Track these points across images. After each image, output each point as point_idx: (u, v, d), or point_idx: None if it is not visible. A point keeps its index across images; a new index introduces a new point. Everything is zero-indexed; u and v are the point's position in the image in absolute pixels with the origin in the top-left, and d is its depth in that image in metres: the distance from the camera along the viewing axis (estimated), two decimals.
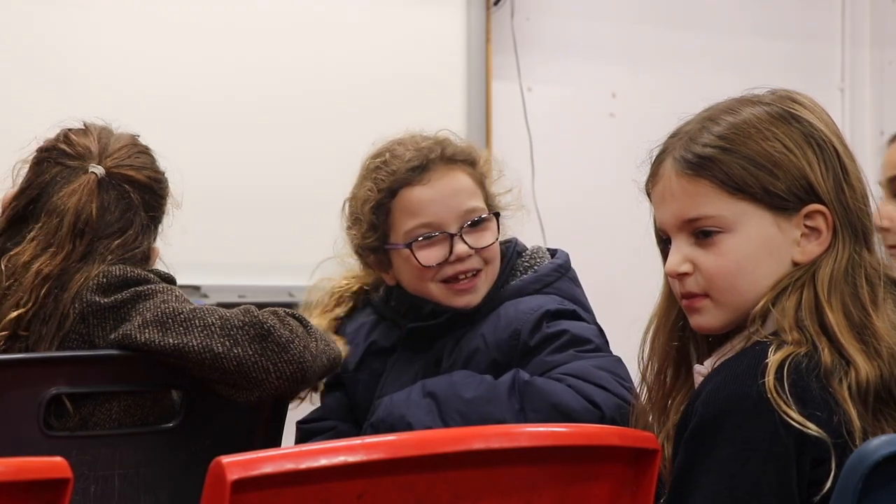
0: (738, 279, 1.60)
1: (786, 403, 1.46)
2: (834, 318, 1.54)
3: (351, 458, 1.25)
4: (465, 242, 2.10)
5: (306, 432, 2.26)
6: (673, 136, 1.68)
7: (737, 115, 1.63)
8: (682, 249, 1.63)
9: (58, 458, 1.19)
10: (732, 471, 1.48)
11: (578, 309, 2.12)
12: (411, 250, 2.12)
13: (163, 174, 2.18)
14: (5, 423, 1.93)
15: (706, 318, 1.64)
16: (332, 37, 4.66)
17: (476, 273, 2.12)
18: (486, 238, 2.13)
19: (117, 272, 2.01)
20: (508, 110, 4.70)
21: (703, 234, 1.62)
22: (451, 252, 2.10)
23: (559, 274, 2.17)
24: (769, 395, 1.46)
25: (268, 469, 1.21)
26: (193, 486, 1.32)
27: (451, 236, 2.11)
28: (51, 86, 4.16)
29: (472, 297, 2.13)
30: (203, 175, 4.44)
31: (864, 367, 1.51)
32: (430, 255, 2.11)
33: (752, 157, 1.60)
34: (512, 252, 2.19)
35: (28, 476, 1.17)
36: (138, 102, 4.30)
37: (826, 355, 1.51)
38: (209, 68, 4.50)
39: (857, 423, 1.48)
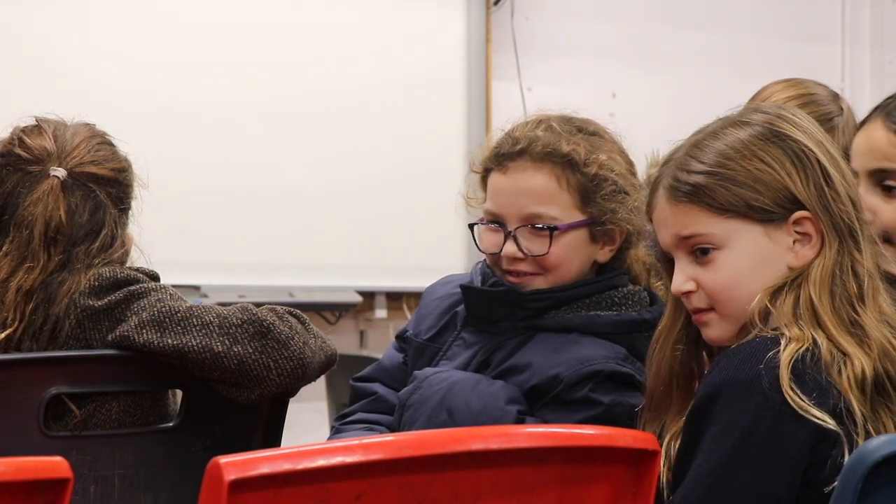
0: (737, 291, 1.69)
1: (796, 395, 1.55)
2: (825, 315, 1.63)
3: (349, 459, 1.25)
4: (517, 244, 2.04)
5: (357, 391, 2.21)
6: (665, 162, 1.76)
7: (721, 139, 1.72)
8: (684, 269, 1.72)
9: (58, 458, 1.19)
10: (714, 446, 1.58)
11: (636, 374, 1.98)
12: (476, 228, 2.12)
13: (125, 161, 2.13)
14: (5, 423, 1.92)
15: (715, 330, 1.72)
16: (333, 37, 4.66)
17: (526, 275, 2.06)
18: (541, 246, 2.03)
19: (108, 274, 2.00)
20: (508, 110, 4.68)
21: (701, 252, 1.70)
22: (501, 247, 2.06)
23: (641, 331, 2.01)
24: (785, 390, 1.55)
25: (265, 469, 1.21)
26: (193, 486, 1.32)
27: (507, 233, 2.06)
28: (50, 85, 4.16)
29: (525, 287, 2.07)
30: (203, 175, 4.45)
31: (859, 359, 1.60)
32: (487, 242, 2.09)
33: (734, 178, 1.69)
34: (605, 283, 2.08)
35: (28, 476, 1.17)
36: (138, 104, 4.30)
37: (824, 348, 1.60)
38: (209, 69, 4.50)
39: (857, 408, 1.57)
